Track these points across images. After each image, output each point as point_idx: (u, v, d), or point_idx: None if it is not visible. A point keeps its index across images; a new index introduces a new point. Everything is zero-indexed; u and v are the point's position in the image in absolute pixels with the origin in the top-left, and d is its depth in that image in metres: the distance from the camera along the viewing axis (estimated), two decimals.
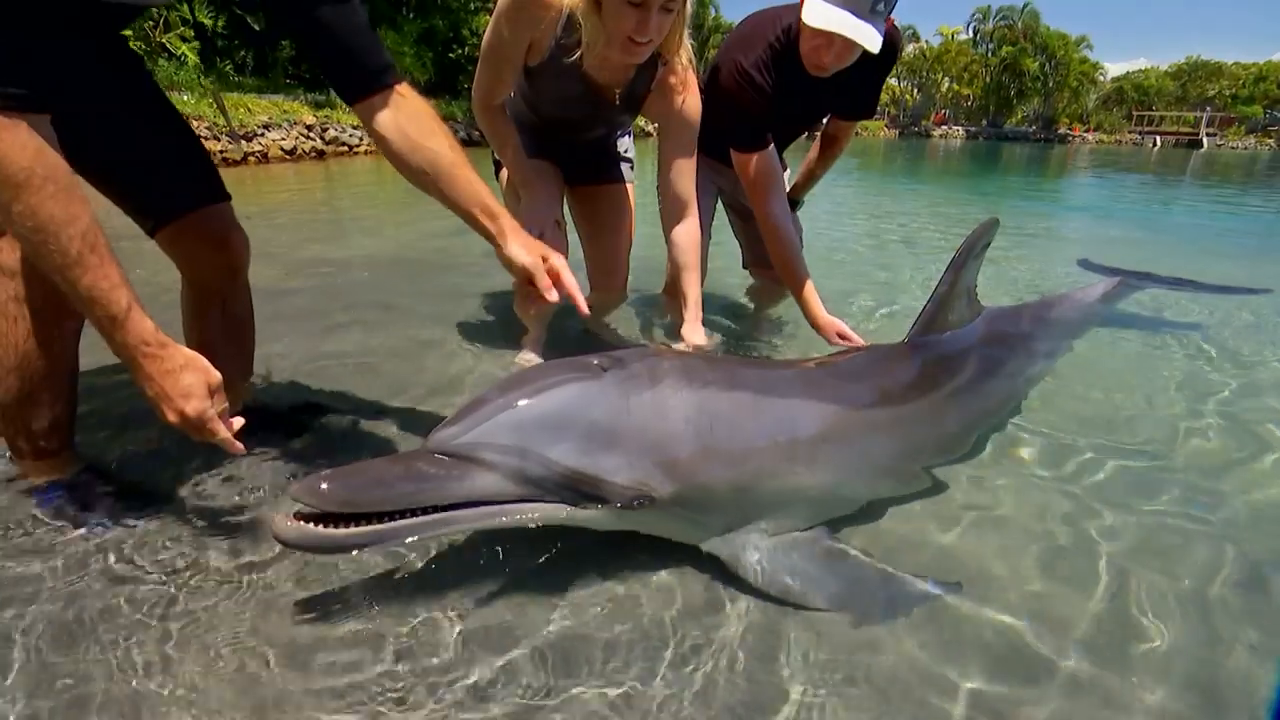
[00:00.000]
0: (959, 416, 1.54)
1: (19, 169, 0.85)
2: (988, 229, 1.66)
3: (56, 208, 0.89)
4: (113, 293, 0.93)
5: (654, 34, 1.38)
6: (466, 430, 0.97)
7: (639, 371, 1.10)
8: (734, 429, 1.12)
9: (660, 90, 1.62)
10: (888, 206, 6.74)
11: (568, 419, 1.00)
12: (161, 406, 0.99)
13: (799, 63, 1.76)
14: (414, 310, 2.55)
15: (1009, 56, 49.51)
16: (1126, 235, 5.50)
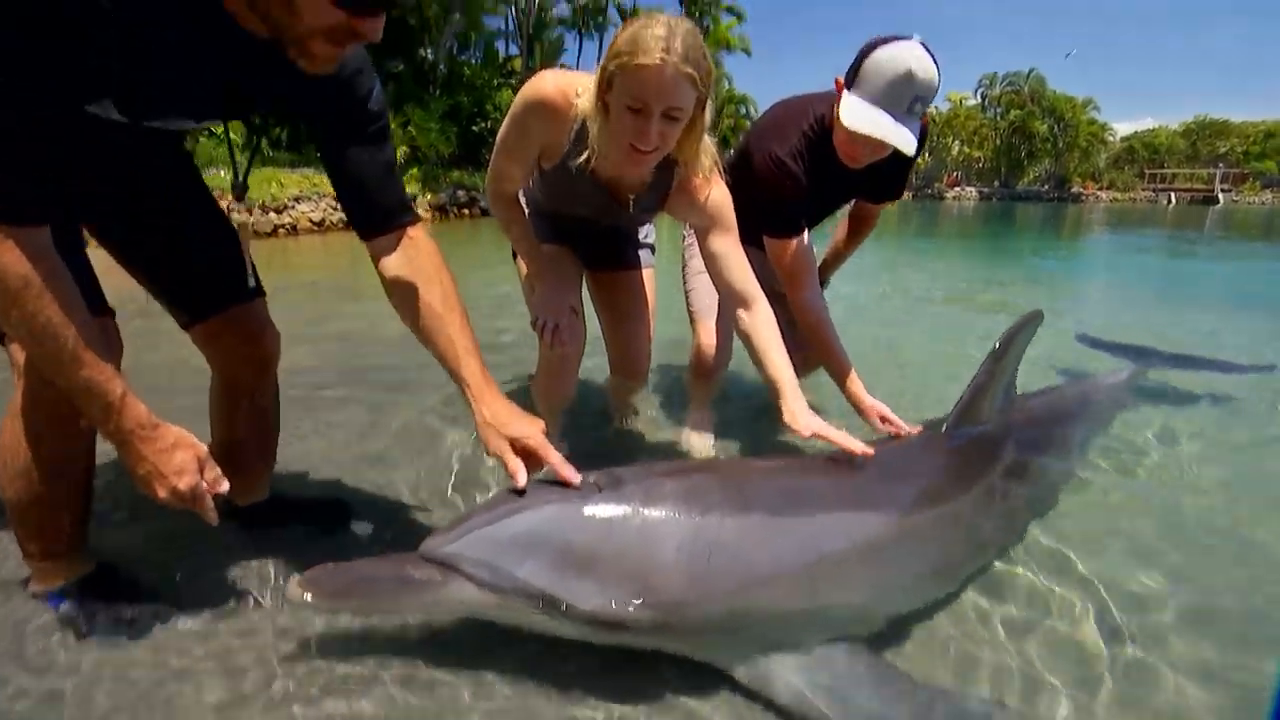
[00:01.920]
0: (999, 517, 1.47)
1: (16, 277, 0.87)
2: (1030, 321, 1.61)
3: (54, 311, 0.90)
4: (108, 384, 0.95)
5: (657, 142, 1.31)
6: (449, 542, 1.03)
7: (632, 494, 1.08)
8: (737, 557, 1.07)
9: (683, 192, 1.57)
10: (904, 271, 6.73)
11: (541, 539, 1.02)
12: (154, 484, 1.00)
13: (832, 152, 1.76)
14: (432, 392, 2.52)
15: (1017, 120, 50.48)
16: (1153, 298, 5.43)
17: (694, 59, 1.25)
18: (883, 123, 1.55)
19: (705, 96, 1.34)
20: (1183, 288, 6.26)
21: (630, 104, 1.28)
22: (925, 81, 1.53)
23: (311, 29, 0.87)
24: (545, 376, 1.85)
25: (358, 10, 0.85)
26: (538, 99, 1.45)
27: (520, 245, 1.75)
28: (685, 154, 1.45)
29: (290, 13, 0.85)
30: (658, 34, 1.23)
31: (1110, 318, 4.32)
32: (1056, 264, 8.51)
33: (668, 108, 1.27)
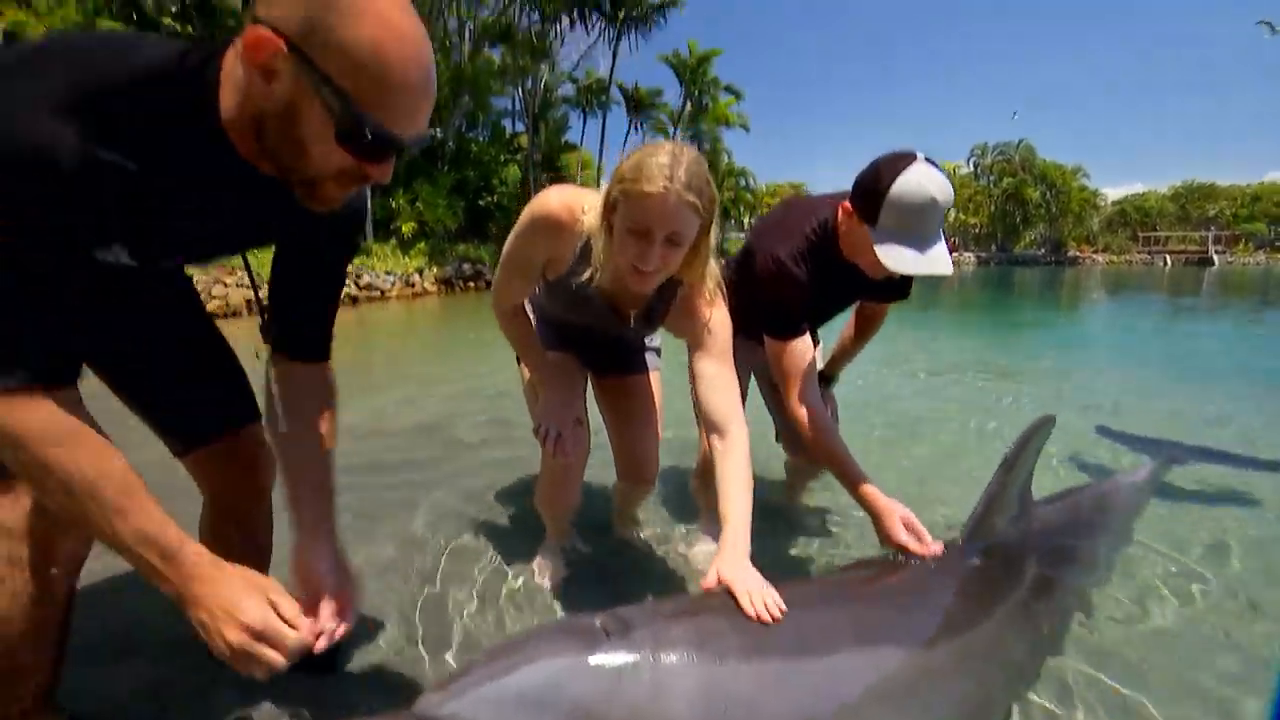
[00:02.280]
0: (1024, 645, 1.38)
1: (53, 438, 0.84)
2: (1041, 426, 1.56)
3: (91, 465, 0.86)
4: (162, 530, 0.89)
5: (658, 264, 1.31)
6: (448, 700, 0.94)
7: (642, 640, 1.00)
8: (753, 711, 0.99)
9: (684, 310, 1.56)
10: (903, 350, 6.73)
11: (548, 699, 0.93)
12: (220, 630, 0.89)
13: (836, 255, 1.75)
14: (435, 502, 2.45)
15: (1010, 187, 51.91)
16: (1163, 376, 5.39)
17: (697, 187, 1.26)
18: (924, 258, 1.53)
19: (709, 222, 1.35)
20: (1192, 363, 6.18)
21: (633, 228, 1.29)
22: (947, 200, 1.53)
23: (321, 172, 0.86)
24: (549, 486, 1.80)
25: (367, 156, 0.85)
26: (544, 215, 1.46)
27: (525, 353, 1.74)
28: (690, 275, 1.46)
29: (300, 157, 0.84)
30: (661, 162, 1.25)
31: (1122, 401, 4.21)
32: (1060, 339, 8.47)
33: (670, 233, 1.29)
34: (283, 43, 0.75)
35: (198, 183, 0.92)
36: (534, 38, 22.79)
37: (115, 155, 0.80)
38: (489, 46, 22.34)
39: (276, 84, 0.78)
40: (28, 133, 0.74)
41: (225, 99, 0.84)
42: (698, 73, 29.79)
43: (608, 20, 24.11)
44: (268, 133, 0.83)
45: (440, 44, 20.01)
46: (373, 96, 0.78)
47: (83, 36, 0.87)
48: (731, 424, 1.48)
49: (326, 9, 0.75)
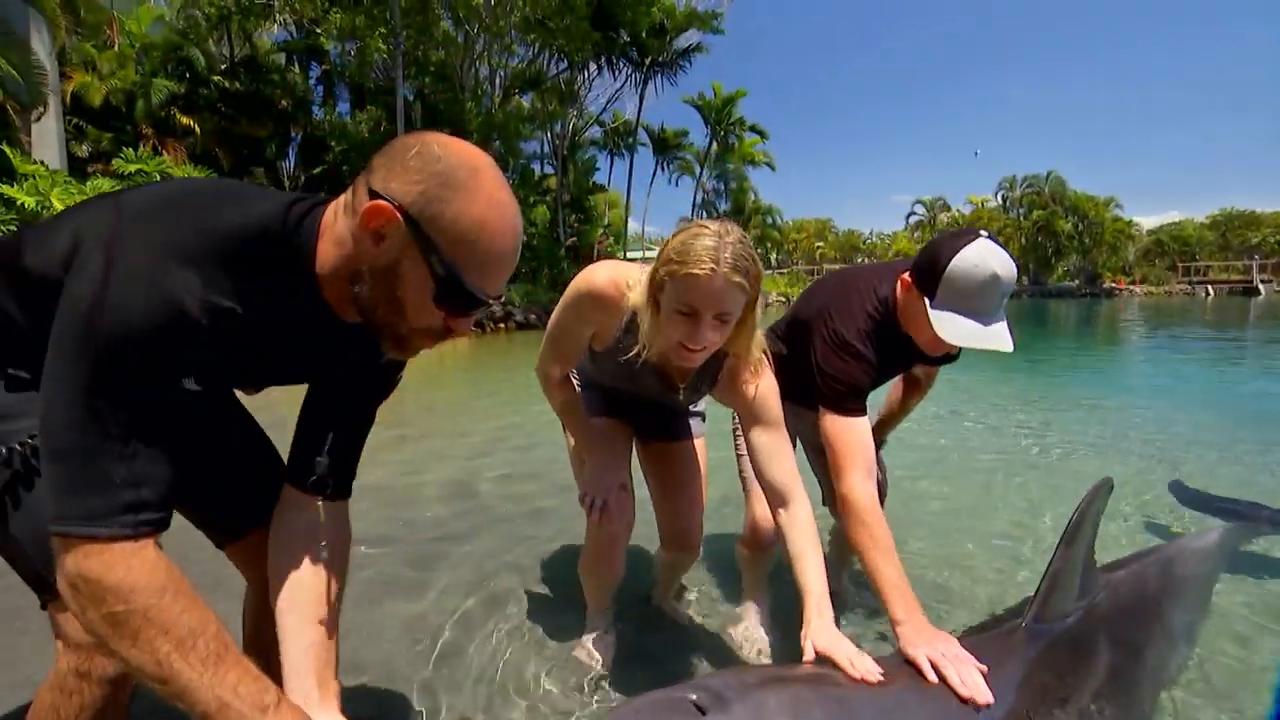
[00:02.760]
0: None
1: (154, 589, 0.84)
2: (1099, 492, 1.49)
3: (190, 615, 0.87)
4: (258, 683, 0.89)
5: (707, 343, 1.33)
6: None
7: (741, 713, 0.98)
8: None
9: (731, 380, 1.57)
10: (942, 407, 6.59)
11: None
12: None
13: (897, 331, 1.73)
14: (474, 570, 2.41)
15: (1041, 219, 51.31)
16: (1223, 423, 5.18)
17: (742, 267, 1.28)
18: (987, 334, 1.52)
19: (755, 297, 1.36)
20: (1252, 406, 5.95)
21: (681, 309, 1.31)
22: (1009, 279, 1.51)
23: (413, 329, 0.93)
24: (594, 555, 1.78)
25: (457, 312, 0.92)
26: (591, 290, 1.48)
27: (570, 422, 1.74)
28: (736, 348, 1.47)
29: (397, 314, 0.91)
30: (708, 245, 1.27)
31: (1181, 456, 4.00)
32: (1103, 386, 8.17)
33: (718, 313, 1.31)
34: (399, 215, 0.84)
35: (289, 326, 0.96)
36: (562, 84, 23.47)
37: (229, 301, 0.85)
38: (519, 93, 23.06)
39: (384, 245, 0.86)
40: (161, 285, 0.79)
41: (323, 250, 0.91)
42: (723, 114, 30.32)
43: (634, 66, 24.76)
44: (366, 286, 0.90)
45: (472, 92, 20.71)
46: (472, 264, 0.87)
47: (202, 186, 0.92)
48: (794, 493, 1.50)
49: (442, 186, 0.84)
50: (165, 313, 0.79)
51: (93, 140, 15.20)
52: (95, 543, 0.82)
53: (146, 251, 0.79)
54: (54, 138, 12.69)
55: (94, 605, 0.83)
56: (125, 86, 15.31)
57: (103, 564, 0.82)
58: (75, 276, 0.80)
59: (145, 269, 0.78)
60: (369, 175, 0.87)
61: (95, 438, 0.80)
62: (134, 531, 0.83)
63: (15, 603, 1.60)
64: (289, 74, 18.58)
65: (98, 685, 1.03)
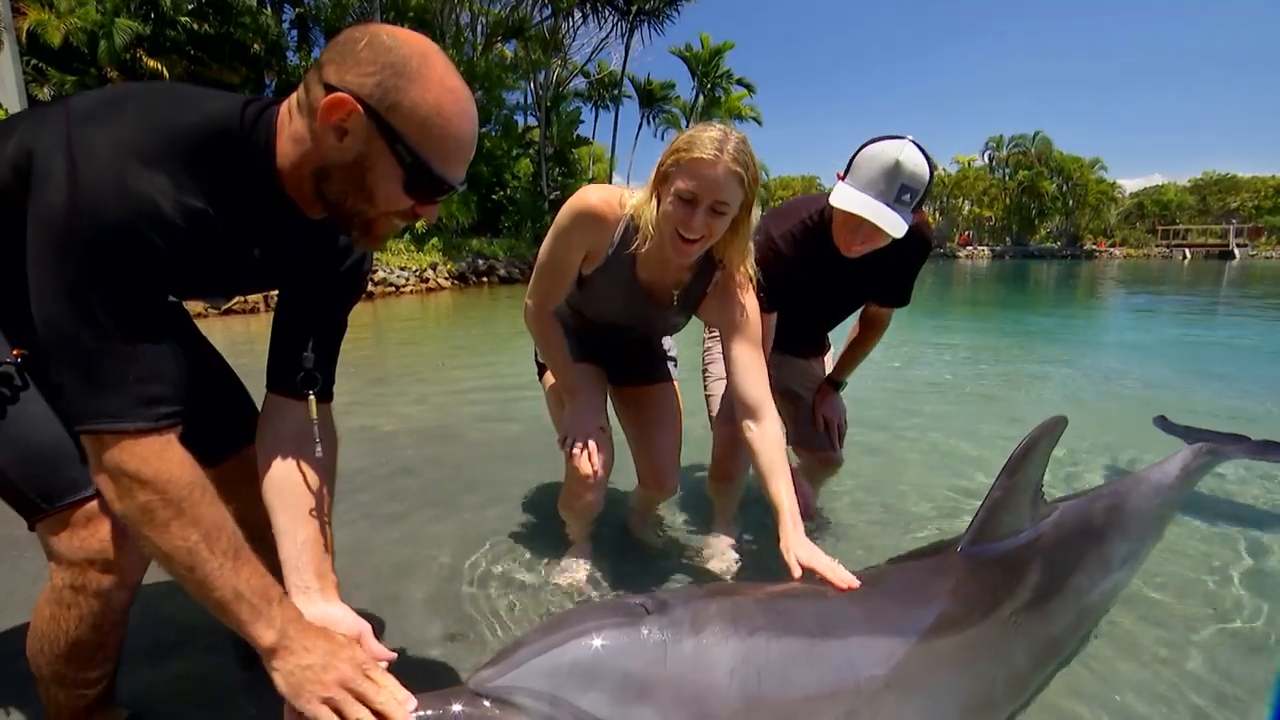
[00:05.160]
0: (1028, 646, 1.41)
1: (184, 483, 0.89)
2: (1051, 428, 1.56)
3: (214, 511, 0.92)
4: (265, 579, 0.95)
5: (701, 231, 1.41)
6: (502, 673, 0.98)
7: (681, 617, 1.06)
8: (785, 683, 1.05)
9: (719, 293, 1.64)
10: (918, 354, 6.71)
11: (601, 668, 0.98)
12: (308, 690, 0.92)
13: (828, 243, 1.83)
14: (455, 502, 2.50)
15: (1026, 180, 51.30)
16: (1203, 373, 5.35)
17: (743, 161, 1.39)
18: (868, 205, 1.63)
19: (750, 200, 1.46)
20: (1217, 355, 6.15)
21: (682, 194, 1.39)
22: (912, 172, 1.63)
23: (380, 213, 0.96)
24: (573, 493, 1.83)
25: (426, 199, 0.95)
26: (584, 209, 1.53)
27: (553, 359, 1.77)
28: (728, 254, 1.55)
29: (366, 201, 0.94)
30: (714, 136, 1.38)
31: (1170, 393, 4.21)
32: (1085, 344, 8.36)
33: (715, 201, 1.39)
34: (358, 105, 0.85)
35: (255, 226, 0.98)
36: (546, 32, 22.77)
37: (199, 201, 0.86)
38: (501, 41, 22.36)
39: (348, 139, 0.88)
40: (132, 190, 0.80)
41: (282, 147, 0.93)
42: (710, 66, 29.66)
43: (620, 14, 24.02)
44: (333, 181, 0.92)
45: (453, 39, 20.05)
46: (435, 149, 0.89)
47: (147, 87, 0.92)
48: (765, 409, 1.56)
49: (397, 76, 0.86)
50: (141, 213, 0.80)
51: (55, 83, 14.56)
52: (125, 437, 0.87)
53: (110, 154, 0.80)
54: (11, 78, 12.15)
55: (130, 496, 0.88)
56: (86, 25, 14.61)
57: (137, 458, 0.87)
58: (40, 186, 0.81)
59: (112, 172, 0.79)
60: (320, 70, 0.88)
61: (97, 339, 0.83)
62: (156, 424, 0.88)
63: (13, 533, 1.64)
64: (261, 16, 17.78)
65: (94, 598, 1.08)
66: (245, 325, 7.89)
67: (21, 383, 1.03)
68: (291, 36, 19.92)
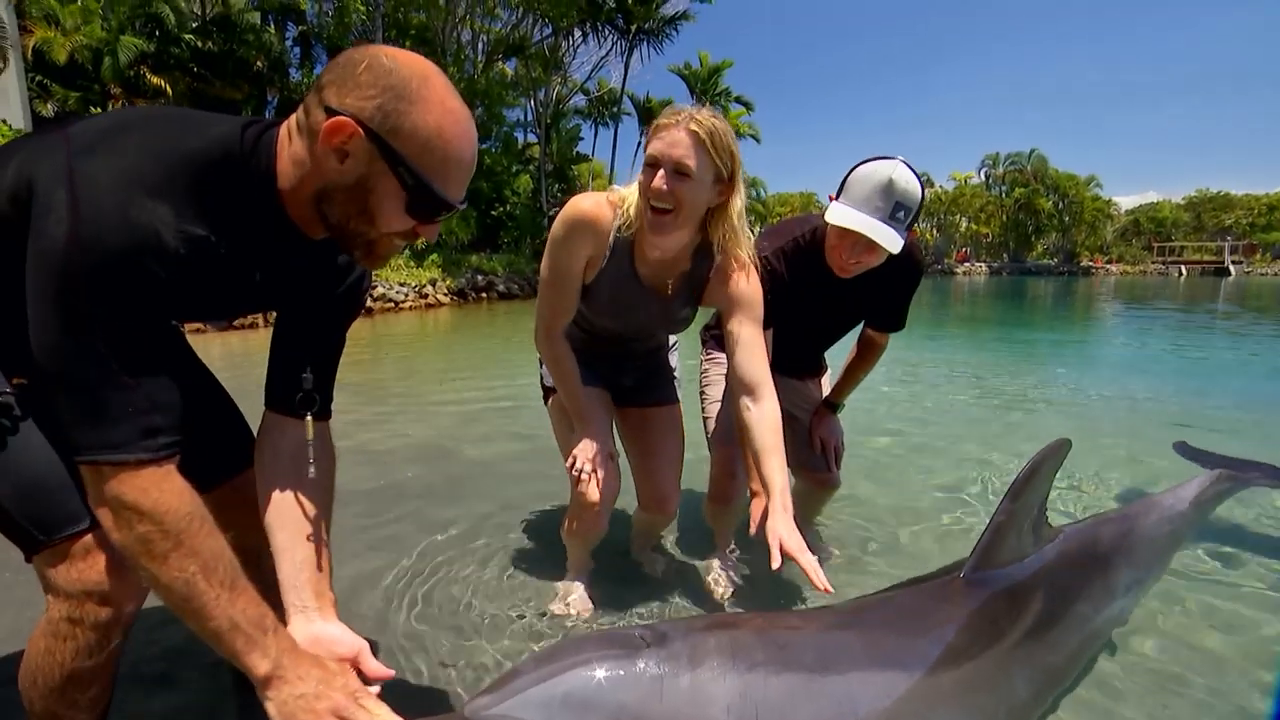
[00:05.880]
0: (1029, 675, 1.40)
1: (182, 514, 0.89)
2: (1055, 451, 1.54)
3: (212, 542, 0.92)
4: (260, 608, 0.95)
5: (668, 200, 1.42)
6: (497, 702, 0.97)
7: (680, 650, 1.05)
8: (782, 717, 1.03)
9: (720, 276, 1.65)
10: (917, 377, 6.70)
11: (596, 700, 0.97)
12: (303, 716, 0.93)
13: (820, 262, 1.85)
14: (451, 524, 2.48)
15: (1022, 197, 51.66)
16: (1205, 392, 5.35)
17: (708, 127, 1.41)
18: (866, 221, 1.65)
19: (727, 175, 1.47)
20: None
21: (648, 160, 1.43)
22: (905, 190, 1.66)
23: (381, 234, 0.96)
24: (579, 519, 1.82)
25: (428, 220, 0.96)
26: (577, 216, 1.55)
27: (566, 386, 1.75)
28: (718, 234, 1.57)
29: (369, 223, 0.94)
30: (683, 107, 1.43)
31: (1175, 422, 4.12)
32: (1085, 361, 8.37)
33: (677, 162, 1.40)
34: (360, 128, 0.86)
35: (257, 249, 0.99)
36: (546, 50, 23.00)
37: (201, 229, 0.86)
38: (502, 59, 22.58)
39: (350, 162, 0.88)
40: (134, 222, 0.80)
41: (283, 170, 0.93)
42: (709, 84, 29.96)
43: (620, 33, 24.31)
44: (334, 203, 0.92)
45: (454, 56, 20.24)
46: (437, 170, 0.90)
47: (146, 114, 0.93)
48: (763, 389, 1.57)
49: (398, 98, 0.86)
50: (142, 246, 0.80)
51: (59, 99, 14.68)
52: (125, 469, 0.86)
53: (112, 185, 0.80)
54: (16, 95, 12.26)
55: (129, 527, 0.88)
56: (91, 43, 14.76)
57: (137, 489, 0.87)
58: (41, 218, 0.81)
59: (114, 203, 0.79)
60: (320, 93, 0.88)
61: (97, 371, 0.83)
62: (155, 455, 0.88)
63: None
64: (264, 34, 17.97)
65: (91, 630, 1.07)
66: (244, 341, 7.87)
67: (21, 413, 1.03)
68: (294, 54, 20.15)
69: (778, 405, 1.59)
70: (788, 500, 1.42)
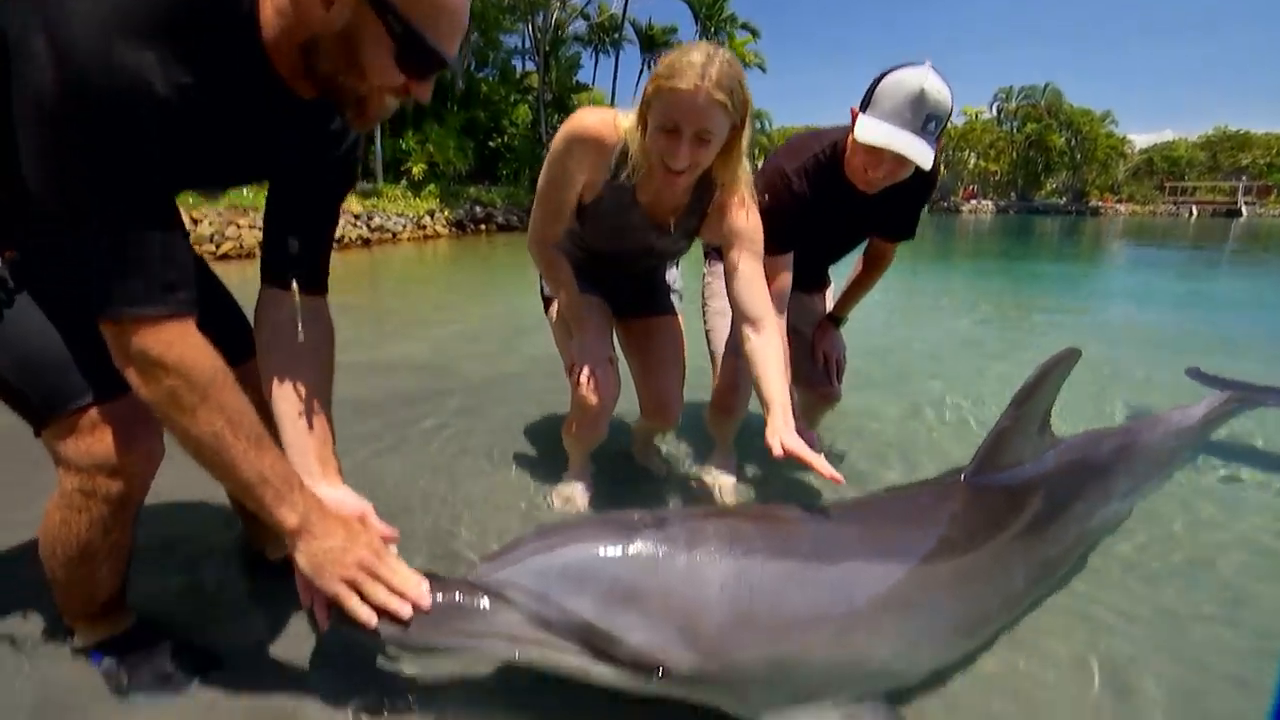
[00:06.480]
0: (1022, 570, 1.44)
1: (206, 369, 0.90)
2: (1064, 360, 1.54)
3: (236, 399, 0.93)
4: (286, 466, 0.98)
5: (687, 162, 1.37)
6: (499, 568, 1.03)
7: (677, 534, 1.08)
8: (777, 601, 1.07)
9: (719, 212, 1.62)
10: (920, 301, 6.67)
11: (591, 571, 1.01)
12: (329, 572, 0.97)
13: (840, 178, 1.80)
14: (457, 429, 2.53)
15: (1034, 133, 50.24)
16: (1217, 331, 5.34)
17: (727, 86, 1.32)
18: (897, 137, 1.58)
19: (740, 122, 1.41)
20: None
21: (664, 124, 1.35)
22: (937, 101, 1.58)
23: (373, 89, 0.93)
24: (579, 423, 1.84)
25: (419, 74, 0.93)
26: (581, 130, 1.50)
27: (563, 291, 1.75)
28: (723, 176, 1.52)
29: (356, 76, 0.91)
30: (694, 60, 1.31)
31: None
32: (1093, 292, 8.32)
33: (698, 130, 1.34)
34: None
35: (244, 105, 0.95)
36: None
37: (187, 77, 0.83)
38: None
39: (335, 8, 0.85)
40: (121, 66, 0.77)
41: (266, 19, 0.89)
42: (714, 9, 28.70)
43: None
44: (322, 55, 0.89)
45: None
46: (426, 19, 0.86)
47: None
48: (765, 316, 1.56)
49: None
50: (133, 89, 0.78)
51: None
52: (146, 323, 0.87)
53: (93, 29, 0.77)
54: None
55: (156, 382, 0.89)
56: None
57: (161, 343, 0.88)
58: (23, 68, 0.78)
59: (98, 47, 0.76)
60: None
61: (106, 224, 0.83)
62: (175, 310, 0.88)
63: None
64: None
65: (104, 503, 1.09)
66: (241, 271, 7.82)
67: (15, 286, 1.02)
68: None
69: (779, 334, 1.58)
70: (789, 413, 1.42)
